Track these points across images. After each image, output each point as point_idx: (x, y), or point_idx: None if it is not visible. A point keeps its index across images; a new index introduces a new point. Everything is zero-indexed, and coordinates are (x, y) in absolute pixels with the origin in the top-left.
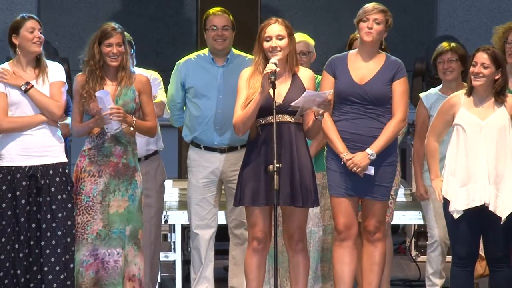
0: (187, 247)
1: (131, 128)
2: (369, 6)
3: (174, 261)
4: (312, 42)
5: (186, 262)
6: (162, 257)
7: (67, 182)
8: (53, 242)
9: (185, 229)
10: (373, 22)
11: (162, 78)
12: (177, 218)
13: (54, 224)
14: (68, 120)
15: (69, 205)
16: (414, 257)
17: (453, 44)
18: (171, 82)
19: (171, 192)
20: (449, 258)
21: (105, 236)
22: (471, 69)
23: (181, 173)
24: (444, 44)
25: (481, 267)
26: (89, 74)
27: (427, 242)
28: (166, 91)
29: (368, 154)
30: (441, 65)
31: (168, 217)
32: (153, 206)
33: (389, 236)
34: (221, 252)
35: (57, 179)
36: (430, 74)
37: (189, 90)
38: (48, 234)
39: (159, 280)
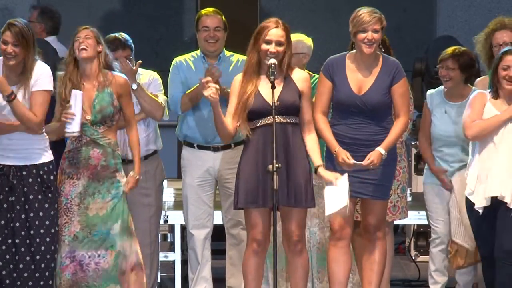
0: (186, 247)
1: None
2: (364, 15)
3: (174, 261)
4: (307, 42)
5: (185, 262)
6: (162, 257)
7: (42, 183)
8: (27, 241)
9: (184, 229)
10: (372, 33)
11: (162, 78)
12: (177, 218)
13: (27, 224)
14: None
15: (46, 206)
16: (413, 257)
17: (458, 50)
18: (171, 81)
19: (167, 192)
20: None
21: (83, 238)
22: (504, 72)
23: (180, 172)
24: (449, 50)
25: (460, 258)
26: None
27: (430, 238)
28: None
29: (382, 154)
30: (440, 71)
31: (167, 217)
32: (153, 205)
33: (390, 235)
34: (218, 252)
35: (30, 180)
36: (430, 74)
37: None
38: (23, 233)
39: (158, 280)
